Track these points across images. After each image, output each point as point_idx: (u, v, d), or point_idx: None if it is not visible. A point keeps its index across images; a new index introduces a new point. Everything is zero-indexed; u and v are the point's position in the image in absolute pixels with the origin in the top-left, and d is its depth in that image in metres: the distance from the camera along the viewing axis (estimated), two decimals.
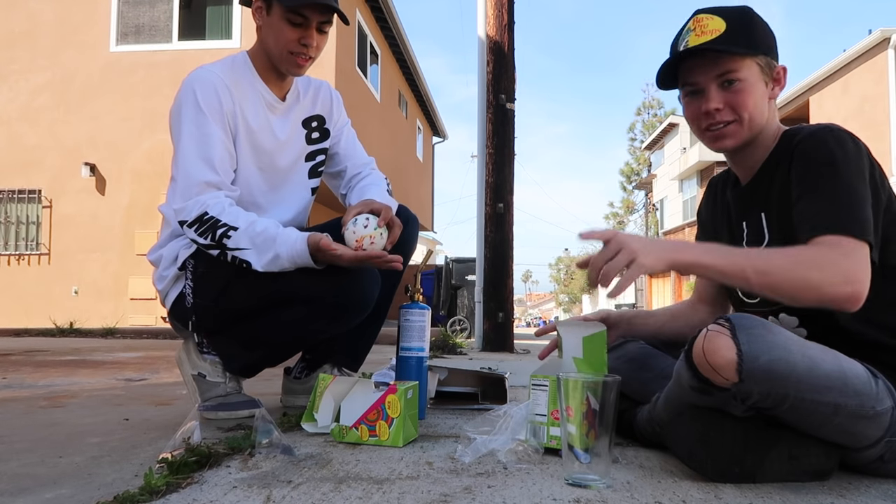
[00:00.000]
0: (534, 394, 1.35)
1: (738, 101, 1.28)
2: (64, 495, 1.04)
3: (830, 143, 1.21)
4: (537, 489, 1.08)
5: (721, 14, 1.29)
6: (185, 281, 1.72)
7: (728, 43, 1.26)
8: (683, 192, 22.67)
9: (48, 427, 1.65)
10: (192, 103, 1.63)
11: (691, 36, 1.30)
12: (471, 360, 4.52)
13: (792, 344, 1.09)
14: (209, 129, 1.62)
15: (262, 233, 1.55)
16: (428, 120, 17.92)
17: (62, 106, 9.57)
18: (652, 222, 28.08)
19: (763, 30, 1.31)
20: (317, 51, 1.71)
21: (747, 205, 1.38)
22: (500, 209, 5.80)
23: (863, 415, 1.10)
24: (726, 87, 1.29)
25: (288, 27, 1.64)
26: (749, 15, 1.32)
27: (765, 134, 1.33)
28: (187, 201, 1.58)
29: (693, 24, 1.31)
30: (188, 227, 1.59)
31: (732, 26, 1.27)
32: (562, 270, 51.06)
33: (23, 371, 3.18)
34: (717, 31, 1.27)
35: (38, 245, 9.60)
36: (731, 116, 1.30)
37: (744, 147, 1.34)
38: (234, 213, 1.58)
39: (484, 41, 5.98)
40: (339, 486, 1.08)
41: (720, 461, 1.12)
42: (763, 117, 1.31)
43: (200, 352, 1.75)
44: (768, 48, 1.31)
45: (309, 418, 1.50)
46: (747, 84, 1.28)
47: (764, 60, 1.30)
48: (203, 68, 1.70)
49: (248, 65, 1.75)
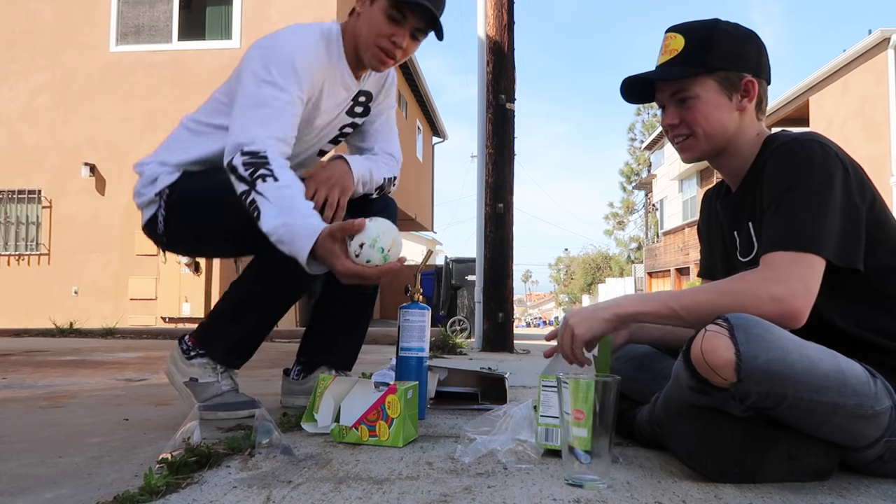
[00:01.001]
0: (544, 395, 1.33)
1: (690, 117, 1.34)
2: (64, 495, 1.04)
3: (791, 161, 1.23)
4: (537, 489, 1.08)
5: (685, 32, 1.35)
6: (159, 209, 1.73)
7: (682, 63, 1.33)
8: (683, 193, 22.69)
9: (48, 427, 1.65)
10: (288, 64, 1.62)
11: (660, 54, 1.38)
12: (471, 360, 4.52)
13: (790, 344, 1.09)
14: (292, 97, 1.61)
15: (290, 197, 1.51)
16: (428, 120, 17.93)
17: (62, 106, 9.57)
18: (652, 222, 28.09)
19: (727, 44, 1.33)
20: (404, 54, 1.72)
21: (736, 214, 1.39)
22: (499, 209, 5.80)
23: (861, 414, 1.10)
24: (681, 103, 1.35)
25: (385, 21, 1.65)
26: (709, 31, 1.34)
27: (738, 143, 1.36)
28: (256, 139, 1.55)
29: (664, 39, 1.38)
30: (242, 154, 1.54)
31: (690, 46, 1.33)
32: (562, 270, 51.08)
33: (23, 371, 3.18)
34: (675, 50, 1.34)
35: (38, 245, 9.60)
36: (686, 131, 1.36)
37: (715, 157, 1.39)
38: (283, 168, 1.55)
39: (484, 41, 5.98)
40: (339, 486, 1.08)
41: (720, 461, 1.13)
42: (725, 129, 1.34)
43: (187, 358, 1.74)
44: (732, 62, 1.32)
45: (309, 419, 1.50)
46: (700, 101, 1.33)
47: (722, 76, 1.32)
48: (306, 33, 1.69)
49: (339, 41, 1.75)
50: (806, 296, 1.15)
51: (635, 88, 1.42)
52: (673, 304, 1.24)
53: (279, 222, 1.48)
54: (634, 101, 1.46)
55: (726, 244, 1.43)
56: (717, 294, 1.21)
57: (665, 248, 24.27)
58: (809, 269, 1.15)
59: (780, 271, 1.16)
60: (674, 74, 1.34)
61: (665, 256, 24.17)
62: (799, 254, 1.16)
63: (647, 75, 1.37)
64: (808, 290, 1.15)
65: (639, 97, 1.45)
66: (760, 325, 1.09)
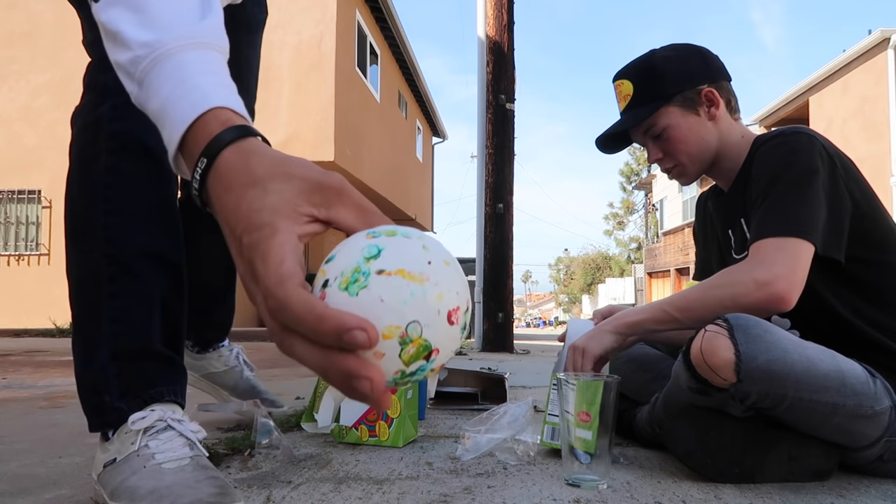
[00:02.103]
0: (554, 394, 1.31)
1: (670, 148, 1.37)
2: (64, 495, 1.04)
3: (777, 153, 1.24)
4: (537, 489, 1.08)
5: (629, 74, 1.39)
6: None
7: (639, 104, 1.36)
8: (683, 193, 22.68)
9: (48, 427, 1.65)
10: None
11: (618, 103, 1.42)
12: (471, 360, 4.52)
13: (789, 344, 1.09)
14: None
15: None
16: (428, 120, 17.92)
17: (62, 106, 9.56)
18: (651, 223, 28.11)
19: (670, 70, 1.36)
20: None
21: (730, 213, 1.40)
22: (499, 209, 5.80)
23: (861, 414, 1.10)
24: (657, 138, 1.37)
25: None
26: (649, 65, 1.37)
27: (725, 149, 1.37)
28: None
29: (615, 89, 1.42)
30: None
31: (638, 86, 1.37)
32: (561, 271, 51.06)
33: (22, 371, 3.18)
34: (628, 95, 1.38)
35: (37, 245, 9.60)
36: (671, 163, 1.39)
37: (709, 169, 1.41)
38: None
39: (483, 41, 5.98)
40: (339, 486, 1.08)
41: (720, 461, 1.13)
42: (707, 143, 1.36)
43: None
44: (682, 82, 1.35)
45: (309, 418, 1.50)
46: (672, 129, 1.35)
47: (679, 99, 1.34)
48: None
49: None
50: (790, 278, 1.13)
51: (611, 140, 1.45)
52: (667, 308, 1.25)
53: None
54: (613, 151, 1.49)
55: (721, 244, 1.44)
56: (705, 289, 1.22)
57: (665, 249, 24.27)
58: (794, 253, 1.15)
59: (765, 257, 1.16)
60: (638, 117, 1.36)
61: (665, 257, 24.17)
62: (784, 239, 1.16)
63: (616, 128, 1.40)
64: (793, 273, 1.13)
65: (617, 145, 1.47)
66: (760, 326, 1.09)
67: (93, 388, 0.95)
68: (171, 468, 0.86)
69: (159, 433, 0.90)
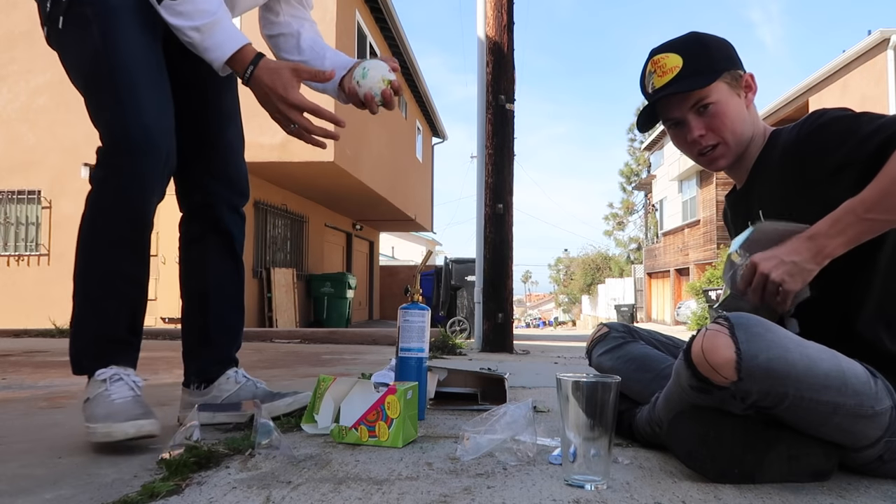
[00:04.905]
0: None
1: (717, 124, 1.34)
2: (64, 496, 1.04)
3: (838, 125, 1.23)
4: (537, 490, 1.08)
5: (674, 49, 1.35)
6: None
7: (690, 76, 1.32)
8: (683, 193, 22.65)
9: (48, 428, 1.65)
10: None
11: (654, 78, 1.36)
12: (470, 360, 4.51)
13: (790, 343, 1.09)
14: None
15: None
16: (427, 120, 17.92)
17: (62, 106, 9.55)
18: (651, 223, 28.10)
19: (718, 47, 1.36)
20: None
21: (746, 206, 1.42)
22: (499, 210, 5.79)
23: (862, 414, 1.10)
24: (703, 112, 1.34)
25: None
26: (700, 40, 1.36)
27: (752, 141, 1.38)
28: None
29: (651, 65, 1.37)
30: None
31: (689, 59, 1.33)
32: (561, 271, 51.04)
33: (22, 372, 3.18)
34: (676, 67, 1.33)
35: (37, 246, 9.59)
36: (715, 140, 1.36)
37: (739, 160, 1.40)
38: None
39: (483, 42, 5.98)
40: (339, 486, 1.08)
41: (720, 461, 1.13)
42: (746, 128, 1.36)
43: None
44: (729, 62, 1.35)
45: (309, 419, 1.50)
46: (721, 105, 1.33)
47: (729, 76, 1.34)
48: None
49: None
50: None
51: (642, 116, 1.41)
52: (860, 211, 1.12)
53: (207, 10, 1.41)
54: (648, 128, 1.47)
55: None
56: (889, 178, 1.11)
57: (665, 249, 24.26)
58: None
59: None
60: (699, 84, 1.32)
61: (665, 257, 24.16)
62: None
63: (676, 89, 1.32)
64: None
65: (650, 122, 1.43)
66: (761, 324, 1.09)
67: (77, 353, 1.46)
68: (118, 401, 1.36)
69: (114, 382, 1.39)
